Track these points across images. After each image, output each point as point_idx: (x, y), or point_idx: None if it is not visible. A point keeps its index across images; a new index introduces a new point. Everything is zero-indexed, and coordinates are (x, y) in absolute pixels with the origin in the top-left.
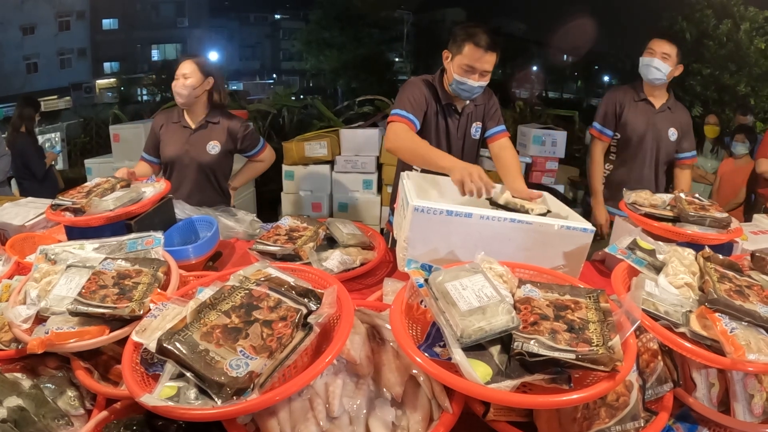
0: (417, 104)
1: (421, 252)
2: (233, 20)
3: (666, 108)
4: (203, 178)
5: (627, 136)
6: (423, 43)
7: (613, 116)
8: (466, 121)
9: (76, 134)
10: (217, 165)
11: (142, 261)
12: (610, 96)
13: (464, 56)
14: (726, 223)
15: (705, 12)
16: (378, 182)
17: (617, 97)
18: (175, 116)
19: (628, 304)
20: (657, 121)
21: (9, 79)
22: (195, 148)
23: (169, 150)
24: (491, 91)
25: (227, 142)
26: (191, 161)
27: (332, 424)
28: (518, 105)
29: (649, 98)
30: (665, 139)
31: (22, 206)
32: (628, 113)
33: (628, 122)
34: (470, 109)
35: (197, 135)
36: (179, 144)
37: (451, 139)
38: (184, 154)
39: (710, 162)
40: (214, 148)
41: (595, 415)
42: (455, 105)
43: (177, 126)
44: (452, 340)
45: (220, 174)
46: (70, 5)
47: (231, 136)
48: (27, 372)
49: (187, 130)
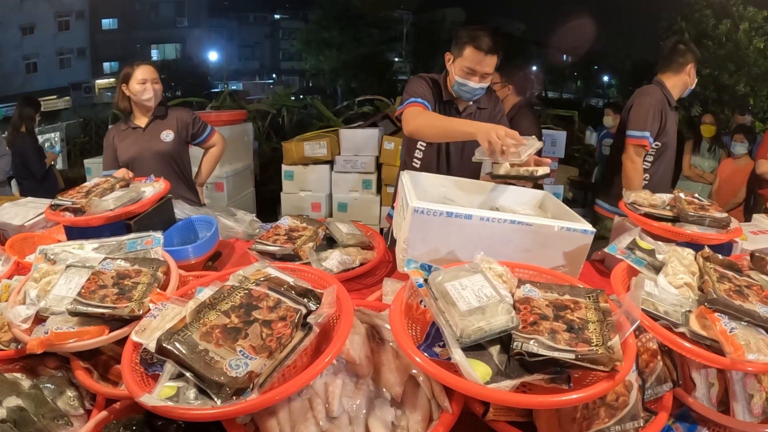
0: (426, 94)
1: (421, 253)
2: (233, 20)
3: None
4: (165, 168)
5: (665, 142)
6: (422, 43)
7: (659, 124)
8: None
9: (75, 134)
10: (175, 152)
11: (142, 261)
12: (656, 103)
13: (465, 59)
14: (725, 223)
15: (704, 12)
16: (377, 182)
17: (661, 105)
18: (122, 126)
19: (627, 304)
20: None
21: (8, 79)
22: (150, 141)
23: (127, 152)
24: (497, 97)
25: (179, 129)
26: (150, 154)
27: (332, 424)
28: None
29: (676, 104)
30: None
31: (22, 206)
32: (667, 119)
33: (668, 130)
34: (472, 109)
35: (150, 130)
36: (134, 144)
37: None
38: (141, 150)
39: (708, 161)
40: (168, 135)
41: (594, 415)
42: (457, 104)
43: (127, 131)
44: (452, 340)
45: (180, 163)
46: (70, 5)
47: (181, 123)
48: (26, 372)
49: (138, 130)
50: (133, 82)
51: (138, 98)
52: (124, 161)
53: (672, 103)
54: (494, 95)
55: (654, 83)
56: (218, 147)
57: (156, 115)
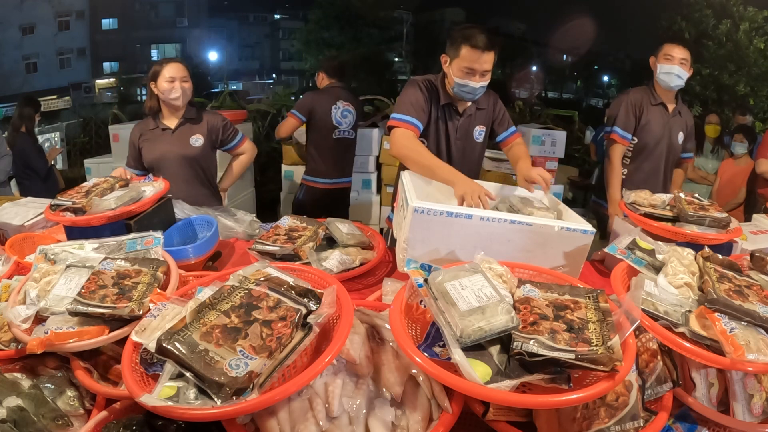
0: (419, 106)
1: (421, 253)
2: (232, 20)
3: (677, 112)
4: (191, 174)
5: (644, 140)
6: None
7: (634, 120)
8: (468, 123)
9: (75, 134)
10: (203, 158)
11: (142, 261)
12: (629, 99)
13: (462, 59)
14: (725, 223)
15: (704, 12)
16: (377, 182)
17: (636, 101)
18: (150, 124)
19: (627, 303)
20: (671, 125)
21: (8, 78)
22: (178, 145)
23: (152, 153)
24: (495, 95)
25: (209, 135)
26: (176, 157)
27: (332, 424)
28: (518, 105)
29: (665, 102)
30: (675, 143)
31: (22, 206)
32: (647, 117)
33: (647, 126)
34: (472, 110)
35: (178, 133)
36: (161, 145)
37: (451, 140)
38: (167, 152)
39: (711, 162)
40: (198, 140)
41: (594, 414)
42: (456, 106)
43: (155, 131)
44: (452, 340)
45: (207, 169)
46: (70, 5)
47: (212, 128)
48: (26, 372)
49: (167, 131)
50: (161, 80)
51: (166, 97)
52: (149, 162)
53: (654, 100)
54: (492, 93)
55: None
56: (248, 155)
57: (187, 117)
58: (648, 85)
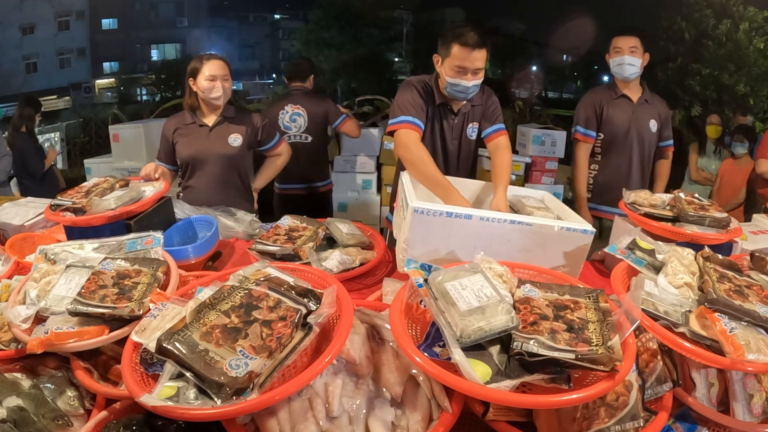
0: (417, 105)
1: (421, 253)
2: (233, 20)
3: (644, 101)
4: (227, 174)
5: (612, 133)
6: (422, 43)
7: (594, 117)
8: (462, 122)
9: (75, 134)
10: (240, 158)
11: (142, 261)
12: (587, 98)
13: (453, 58)
14: (725, 223)
15: (704, 12)
16: (378, 182)
17: (595, 98)
18: (187, 118)
19: (627, 303)
20: (638, 114)
21: (8, 78)
22: (216, 143)
23: (188, 150)
24: (491, 91)
25: (248, 134)
26: (214, 156)
27: (332, 424)
28: (517, 105)
29: (626, 93)
30: (648, 131)
31: (22, 206)
32: (609, 111)
33: (611, 120)
34: (467, 109)
35: (217, 131)
36: (198, 142)
37: (446, 140)
38: (205, 150)
39: (714, 163)
40: (237, 140)
41: (594, 414)
42: (451, 105)
43: (192, 126)
44: (452, 340)
45: (243, 169)
46: (70, 5)
47: (251, 128)
48: (26, 372)
49: (204, 128)
50: (201, 78)
51: (206, 96)
52: (183, 158)
53: (615, 94)
54: (487, 89)
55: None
56: (284, 157)
57: (225, 115)
58: (609, 83)
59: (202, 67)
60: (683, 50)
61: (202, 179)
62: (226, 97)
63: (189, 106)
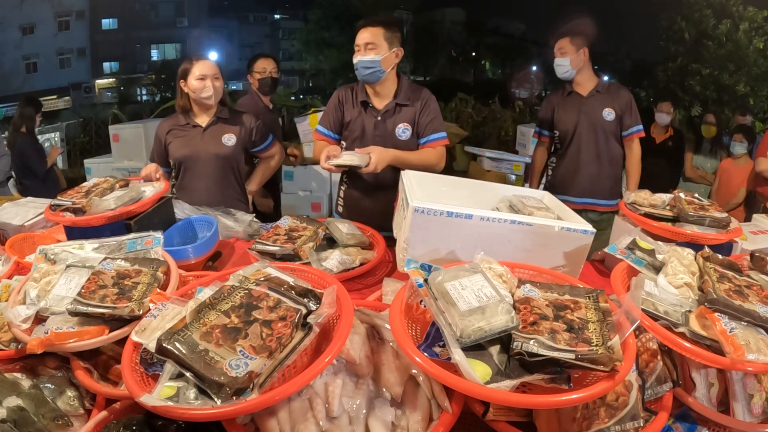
0: (328, 115)
1: (421, 253)
2: (233, 20)
3: (595, 92)
4: (222, 173)
5: (563, 129)
6: (422, 43)
7: (547, 117)
8: (387, 119)
9: (75, 134)
10: (234, 158)
11: (142, 261)
12: (545, 101)
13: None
14: (725, 223)
15: (704, 12)
16: None
17: (551, 100)
18: (180, 120)
19: (627, 303)
20: (588, 106)
21: (8, 79)
22: (210, 143)
23: (182, 150)
24: (430, 94)
25: (242, 135)
26: (208, 156)
27: (332, 424)
28: (517, 105)
29: (575, 89)
30: (600, 121)
31: (22, 206)
32: (559, 110)
33: (561, 117)
34: (390, 106)
35: (211, 131)
36: (192, 143)
37: (367, 136)
38: (199, 150)
39: (709, 162)
40: (231, 139)
41: (594, 414)
42: (372, 103)
43: (185, 127)
44: (452, 340)
45: (237, 169)
46: (70, 5)
47: (245, 128)
48: (26, 372)
49: (198, 129)
50: (192, 79)
51: (197, 96)
52: (177, 159)
53: (565, 92)
54: (425, 91)
55: None
56: (276, 158)
57: (219, 116)
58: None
59: (192, 68)
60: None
61: (196, 179)
62: (217, 96)
63: (181, 107)
